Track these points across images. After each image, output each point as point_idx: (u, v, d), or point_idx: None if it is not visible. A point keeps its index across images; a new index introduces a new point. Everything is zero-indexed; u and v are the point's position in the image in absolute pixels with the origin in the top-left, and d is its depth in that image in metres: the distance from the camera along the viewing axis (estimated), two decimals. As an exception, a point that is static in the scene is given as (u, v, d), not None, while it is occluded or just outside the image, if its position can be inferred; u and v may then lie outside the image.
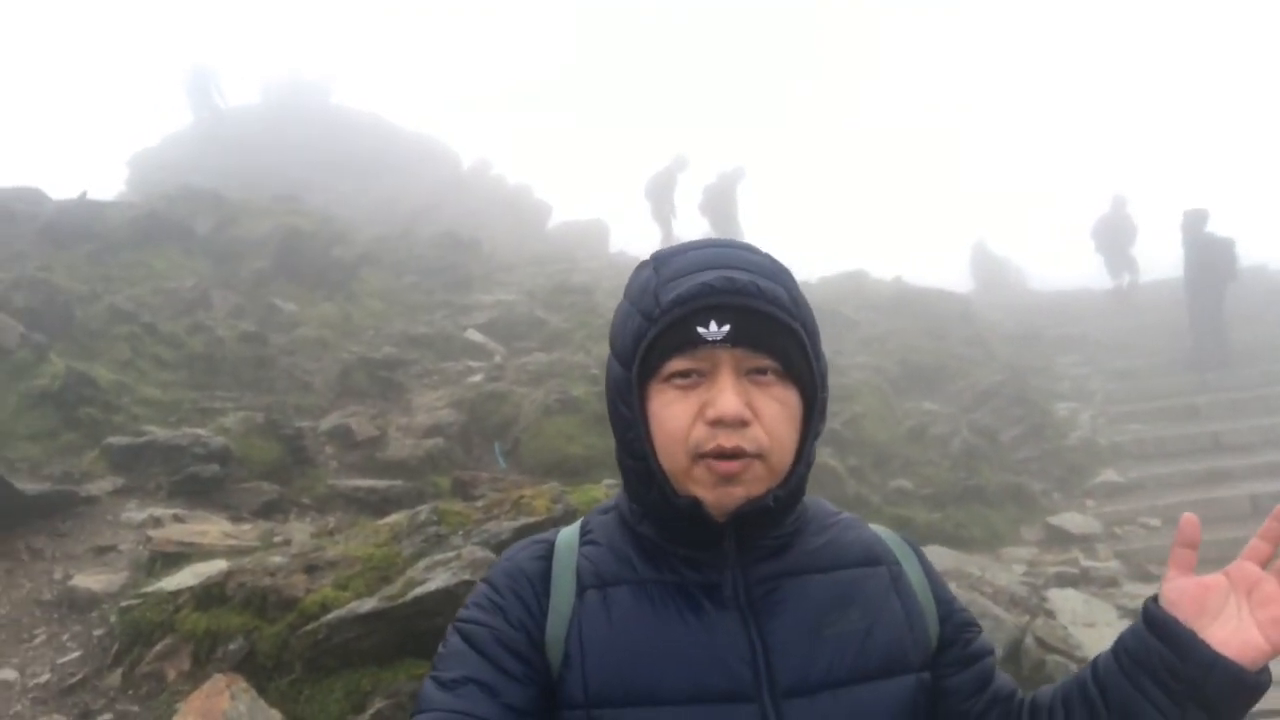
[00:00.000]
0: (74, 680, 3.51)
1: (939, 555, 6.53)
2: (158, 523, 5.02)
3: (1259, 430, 10.07)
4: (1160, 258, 14.77)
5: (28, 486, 5.13)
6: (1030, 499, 8.83)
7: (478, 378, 8.75)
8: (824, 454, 8.27)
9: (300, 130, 21.50)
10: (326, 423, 7.23)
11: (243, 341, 8.89)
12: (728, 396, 1.01)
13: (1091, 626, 5.54)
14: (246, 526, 5.09)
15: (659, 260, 1.10)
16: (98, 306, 8.46)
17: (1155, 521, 8.45)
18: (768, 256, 1.11)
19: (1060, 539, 8.06)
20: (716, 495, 1.03)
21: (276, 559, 3.74)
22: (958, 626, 1.16)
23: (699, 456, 1.02)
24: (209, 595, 3.63)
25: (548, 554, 1.13)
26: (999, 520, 8.25)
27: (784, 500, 1.06)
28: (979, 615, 5.05)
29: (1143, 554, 7.76)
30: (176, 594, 3.74)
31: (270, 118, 22.61)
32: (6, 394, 6.25)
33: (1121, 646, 1.03)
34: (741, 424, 1.01)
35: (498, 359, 9.43)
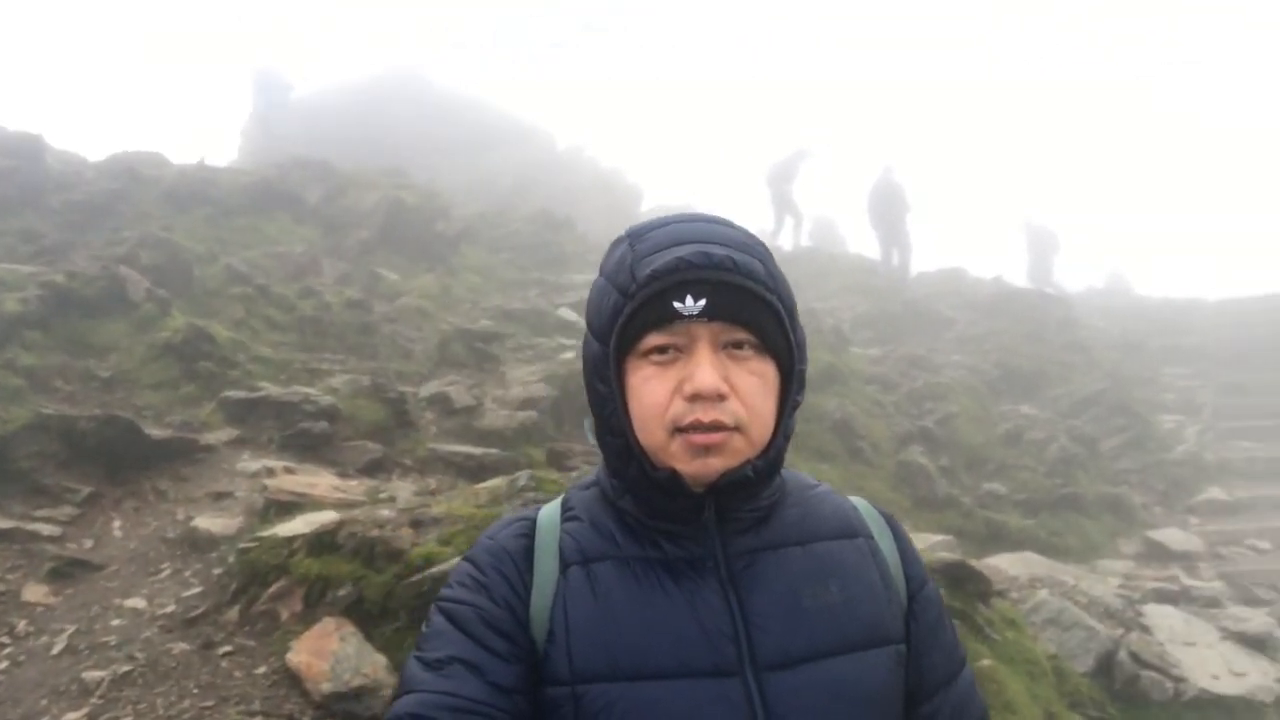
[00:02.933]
0: (196, 613, 3.72)
1: (1032, 562, 6.38)
2: (271, 473, 5.27)
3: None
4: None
5: (154, 431, 5.45)
6: (1129, 511, 8.53)
7: (569, 354, 8.86)
8: (914, 452, 8.14)
9: (405, 109, 22.05)
10: (426, 389, 7.45)
11: (349, 308, 9.21)
12: (705, 371, 1.00)
13: (1191, 646, 5.33)
14: (353, 482, 5.30)
15: (634, 235, 1.09)
16: (215, 267, 8.87)
17: (1265, 544, 8.06)
18: (743, 231, 1.10)
19: (1159, 555, 7.76)
20: (694, 468, 1.03)
21: (385, 512, 3.90)
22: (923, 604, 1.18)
23: (677, 431, 1.02)
24: (321, 543, 3.79)
25: (529, 532, 1.13)
26: (1095, 531, 8.00)
27: (762, 471, 1.06)
28: (1071, 625, 4.91)
29: (1249, 576, 7.42)
30: (291, 539, 3.92)
31: (378, 95, 23.22)
32: (134, 344, 6.63)
33: None
34: (719, 398, 1.01)
35: (590, 337, 9.54)
